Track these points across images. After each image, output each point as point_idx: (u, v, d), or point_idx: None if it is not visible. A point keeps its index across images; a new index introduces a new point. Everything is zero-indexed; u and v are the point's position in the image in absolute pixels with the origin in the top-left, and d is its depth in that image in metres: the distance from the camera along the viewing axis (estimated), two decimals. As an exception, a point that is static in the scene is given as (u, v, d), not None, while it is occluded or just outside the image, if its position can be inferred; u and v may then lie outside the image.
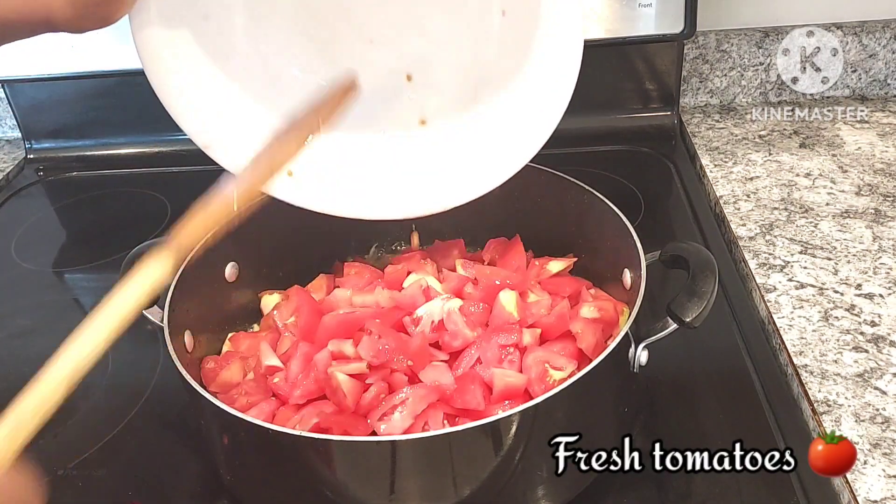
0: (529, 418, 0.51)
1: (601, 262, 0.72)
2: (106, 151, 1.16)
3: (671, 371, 0.69)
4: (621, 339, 0.55)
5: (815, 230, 0.84)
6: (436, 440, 0.50)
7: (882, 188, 0.91)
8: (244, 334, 0.72)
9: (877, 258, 0.79)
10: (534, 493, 0.56)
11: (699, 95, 1.14)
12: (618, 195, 0.70)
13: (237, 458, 0.60)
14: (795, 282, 0.77)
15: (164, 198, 1.05)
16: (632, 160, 1.05)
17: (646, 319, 0.58)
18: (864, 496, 0.56)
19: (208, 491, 0.63)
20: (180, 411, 0.70)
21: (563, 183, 0.74)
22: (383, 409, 0.58)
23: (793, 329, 0.71)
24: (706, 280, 0.57)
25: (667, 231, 0.92)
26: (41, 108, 1.15)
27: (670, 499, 0.60)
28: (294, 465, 0.53)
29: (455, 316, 0.65)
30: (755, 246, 0.83)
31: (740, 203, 0.91)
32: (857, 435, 0.60)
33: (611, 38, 0.98)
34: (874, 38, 1.08)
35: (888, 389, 0.64)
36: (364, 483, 0.54)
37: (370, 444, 0.51)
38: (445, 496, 0.54)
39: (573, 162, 0.88)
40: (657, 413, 0.67)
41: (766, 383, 0.68)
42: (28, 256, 0.97)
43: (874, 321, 0.71)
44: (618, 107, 1.11)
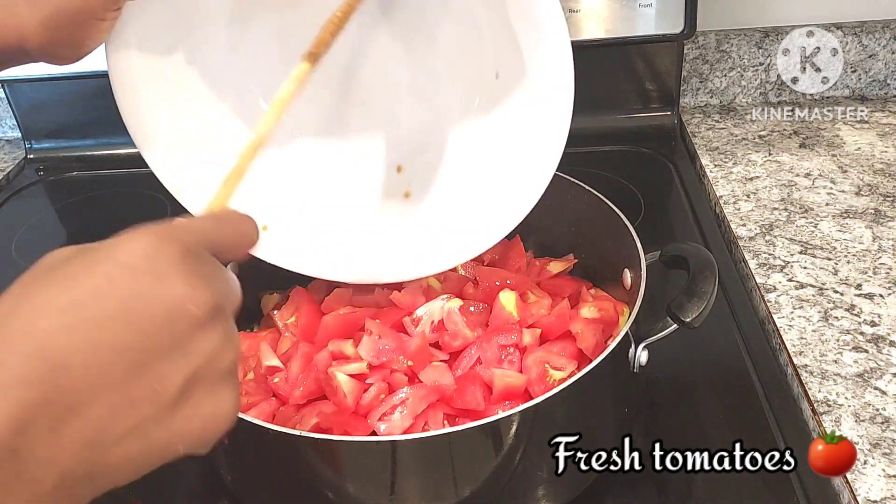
0: (529, 418, 0.51)
1: (601, 262, 0.72)
2: (106, 151, 1.16)
3: (671, 371, 0.69)
4: (621, 339, 0.55)
5: (815, 230, 0.84)
6: (436, 440, 0.50)
7: (882, 188, 0.91)
8: (244, 334, 0.72)
9: (877, 258, 0.79)
10: (534, 493, 0.56)
11: (699, 95, 1.14)
12: (618, 195, 0.70)
13: (237, 458, 0.60)
14: (795, 282, 0.77)
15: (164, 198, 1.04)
16: (632, 160, 1.05)
17: (646, 319, 0.58)
18: (864, 496, 0.56)
19: (208, 491, 0.63)
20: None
21: (563, 183, 0.73)
22: (383, 409, 0.58)
23: (793, 329, 0.71)
24: (706, 280, 0.57)
25: (667, 231, 0.92)
26: (41, 108, 1.15)
27: (670, 499, 0.60)
28: (294, 465, 0.53)
29: (455, 316, 0.65)
30: (755, 246, 0.83)
31: (740, 203, 0.91)
32: (857, 435, 0.60)
33: (611, 38, 0.98)
34: (874, 38, 1.08)
35: (888, 389, 0.64)
36: (364, 483, 0.54)
37: (370, 444, 0.51)
38: (445, 496, 0.54)
39: (573, 162, 0.87)
40: (657, 413, 0.67)
41: (766, 383, 0.68)
42: (28, 256, 0.96)
43: (874, 321, 0.71)
44: (618, 107, 1.11)
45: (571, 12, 0.95)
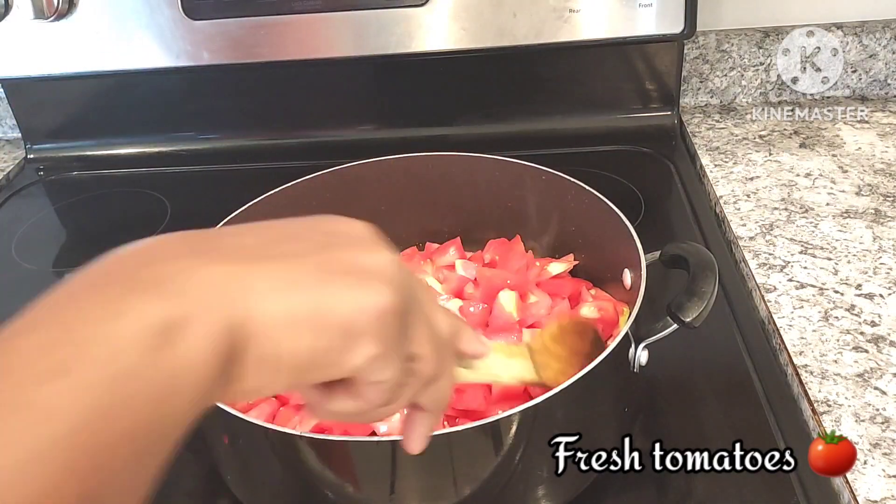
0: (529, 418, 0.51)
1: (601, 262, 0.72)
2: (106, 151, 1.16)
3: (671, 371, 0.69)
4: (621, 339, 0.55)
5: (816, 230, 0.84)
6: (436, 440, 0.50)
7: (882, 188, 0.91)
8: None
9: (877, 258, 0.79)
10: (534, 493, 0.56)
11: (699, 95, 1.14)
12: (618, 195, 0.70)
13: (237, 458, 0.60)
14: (795, 282, 0.77)
15: (164, 198, 1.05)
16: (632, 160, 1.05)
17: (646, 319, 0.58)
18: (864, 496, 0.56)
19: (208, 491, 0.63)
20: (180, 411, 0.70)
21: (563, 183, 0.73)
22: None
23: (793, 329, 0.71)
24: (706, 280, 0.57)
25: (667, 231, 0.92)
26: (41, 108, 1.15)
27: (670, 499, 0.60)
28: (294, 465, 0.53)
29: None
30: (755, 246, 0.83)
31: (740, 203, 0.91)
32: (857, 435, 0.60)
33: (611, 38, 0.98)
34: (874, 38, 1.08)
35: (888, 389, 0.64)
36: (364, 483, 0.54)
37: (370, 444, 0.51)
38: (445, 496, 0.54)
39: (573, 162, 0.88)
40: (657, 413, 0.67)
41: (766, 383, 0.68)
42: (28, 256, 0.97)
43: (874, 321, 0.71)
44: (618, 107, 1.11)
45: (571, 12, 0.95)
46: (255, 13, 0.96)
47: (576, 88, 1.09)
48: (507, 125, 1.11)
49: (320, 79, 1.10)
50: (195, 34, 0.97)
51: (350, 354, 0.31)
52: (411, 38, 0.97)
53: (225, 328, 0.28)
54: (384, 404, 0.35)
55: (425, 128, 1.11)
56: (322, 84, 1.11)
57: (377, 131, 1.13)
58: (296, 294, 0.30)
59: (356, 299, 0.31)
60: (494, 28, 0.96)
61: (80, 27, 0.97)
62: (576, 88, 1.09)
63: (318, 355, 0.31)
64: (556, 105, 1.09)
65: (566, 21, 0.95)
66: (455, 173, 0.80)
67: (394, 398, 0.35)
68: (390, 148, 0.82)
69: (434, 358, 0.36)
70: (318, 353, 0.31)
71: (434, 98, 1.11)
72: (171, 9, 0.95)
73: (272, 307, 0.29)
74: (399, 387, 0.35)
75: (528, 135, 1.09)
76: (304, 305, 0.30)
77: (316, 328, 0.30)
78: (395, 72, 1.09)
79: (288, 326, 0.30)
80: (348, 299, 0.31)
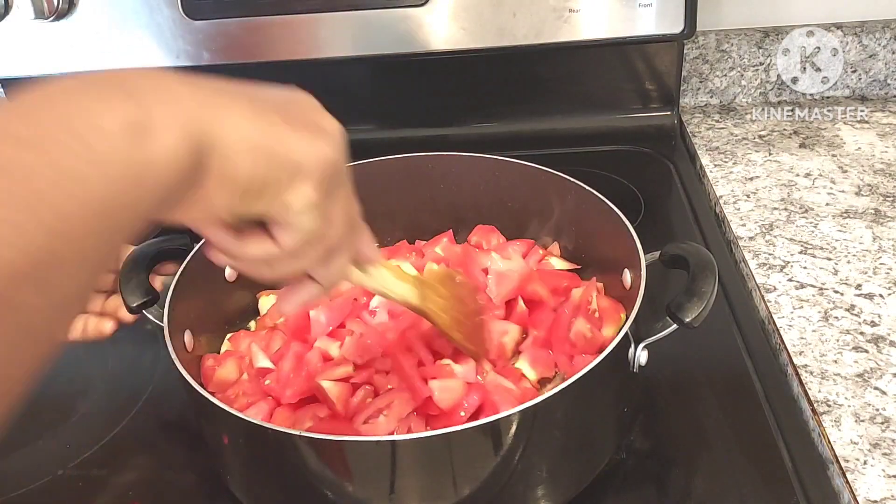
0: (529, 418, 0.51)
1: (601, 262, 0.72)
2: (106, 151, 1.16)
3: (671, 371, 0.69)
4: (621, 339, 0.55)
5: (815, 230, 0.84)
6: (436, 440, 0.50)
7: (882, 188, 0.91)
8: (244, 333, 0.72)
9: (877, 258, 0.79)
10: (534, 493, 0.56)
11: (699, 95, 1.14)
12: (618, 195, 0.70)
13: (237, 458, 0.60)
14: (795, 282, 0.77)
15: (164, 198, 1.04)
16: (632, 160, 1.05)
17: (646, 319, 0.58)
18: (864, 496, 0.56)
19: (208, 491, 0.63)
20: (180, 411, 0.70)
21: (563, 183, 0.73)
22: (368, 413, 0.58)
23: (793, 329, 0.71)
24: (706, 280, 0.56)
25: (667, 231, 0.92)
26: (41, 108, 1.15)
27: (670, 499, 0.60)
28: (294, 465, 0.53)
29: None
30: (755, 246, 0.83)
31: (740, 203, 0.91)
32: (857, 435, 0.60)
33: (611, 38, 0.98)
34: (874, 38, 1.08)
35: (888, 389, 0.64)
36: (364, 483, 0.54)
37: (370, 444, 0.51)
38: (445, 496, 0.54)
39: (573, 162, 0.88)
40: (657, 413, 0.67)
41: (766, 383, 0.68)
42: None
43: (874, 321, 0.71)
44: (618, 107, 1.11)
45: (571, 12, 0.95)
46: (255, 13, 0.96)
47: (575, 88, 1.09)
48: (507, 125, 1.11)
49: (320, 79, 1.09)
50: (195, 34, 0.97)
51: (291, 191, 0.37)
52: (411, 38, 0.97)
53: (192, 134, 0.33)
54: (290, 258, 0.40)
55: (425, 128, 1.11)
56: (322, 84, 1.09)
57: (377, 131, 1.13)
58: (259, 125, 0.35)
59: (311, 145, 0.37)
60: (494, 28, 0.96)
61: (80, 27, 0.97)
62: (575, 88, 1.09)
63: (269, 185, 0.36)
64: (555, 105, 1.09)
65: (566, 21, 0.95)
66: (455, 173, 0.80)
67: (299, 254, 0.40)
68: (390, 148, 0.82)
69: (342, 230, 0.41)
70: (269, 183, 0.36)
71: (434, 98, 1.11)
72: (171, 9, 0.95)
73: (237, 130, 0.34)
74: (307, 245, 0.40)
75: (527, 135, 1.10)
76: (266, 138, 0.35)
77: (271, 159, 0.36)
78: (395, 72, 1.09)
79: (249, 150, 0.35)
80: (304, 143, 0.37)
